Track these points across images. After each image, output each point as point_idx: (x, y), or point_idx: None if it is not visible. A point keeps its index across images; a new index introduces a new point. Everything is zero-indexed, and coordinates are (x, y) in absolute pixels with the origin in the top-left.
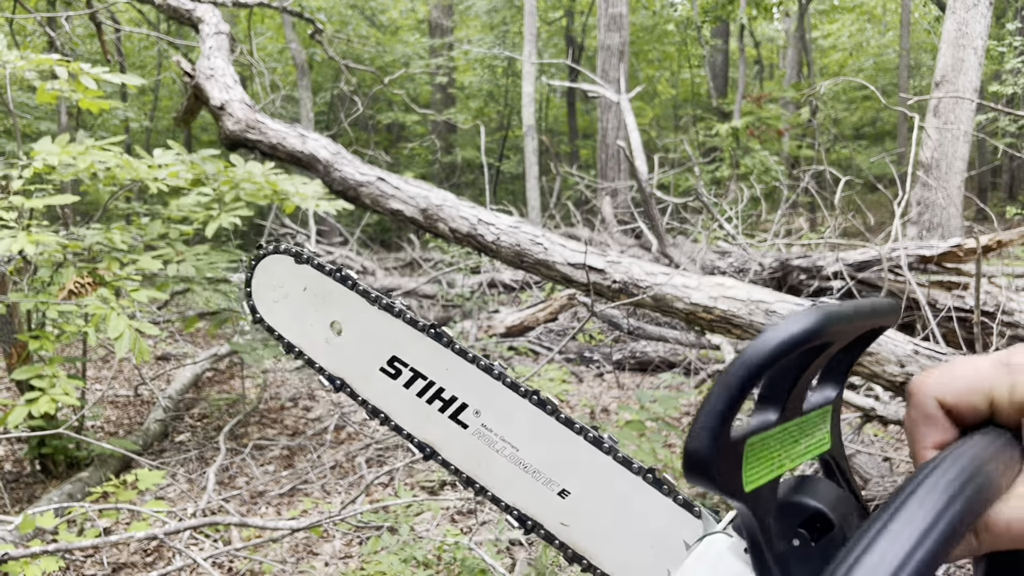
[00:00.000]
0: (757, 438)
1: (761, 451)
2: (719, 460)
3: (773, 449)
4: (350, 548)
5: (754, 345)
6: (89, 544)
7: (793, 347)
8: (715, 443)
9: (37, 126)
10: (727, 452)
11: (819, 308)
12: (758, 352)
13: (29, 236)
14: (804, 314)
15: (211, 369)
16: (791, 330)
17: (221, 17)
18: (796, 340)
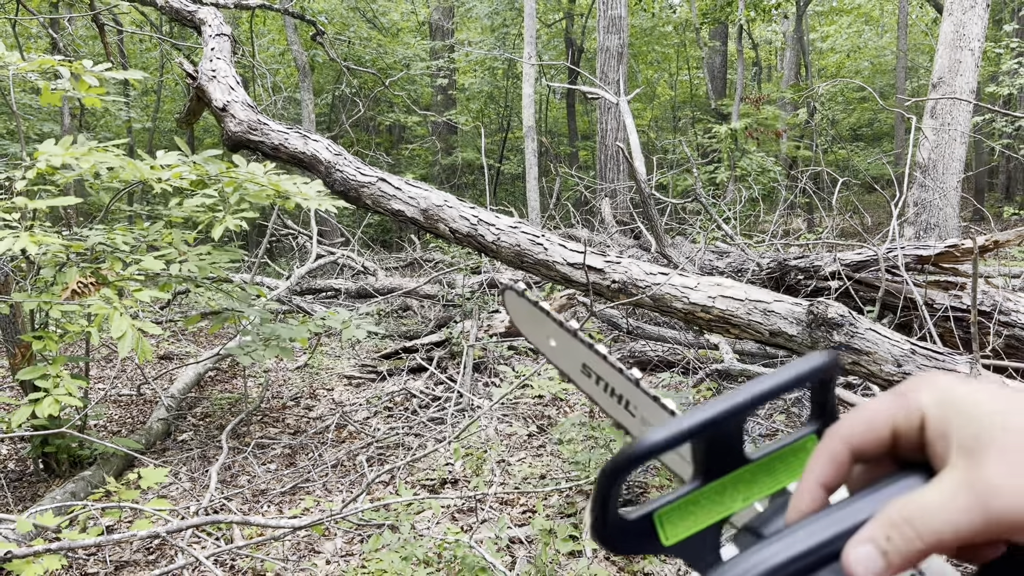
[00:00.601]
0: (670, 507)
1: (680, 512)
2: (618, 539)
3: (699, 505)
4: (351, 546)
5: (620, 453)
6: (92, 542)
7: (655, 454)
8: (604, 530)
9: (40, 127)
10: (627, 528)
11: (692, 414)
12: (617, 462)
13: (32, 236)
14: (675, 422)
15: (214, 368)
16: (653, 440)
17: (223, 19)
18: (657, 449)
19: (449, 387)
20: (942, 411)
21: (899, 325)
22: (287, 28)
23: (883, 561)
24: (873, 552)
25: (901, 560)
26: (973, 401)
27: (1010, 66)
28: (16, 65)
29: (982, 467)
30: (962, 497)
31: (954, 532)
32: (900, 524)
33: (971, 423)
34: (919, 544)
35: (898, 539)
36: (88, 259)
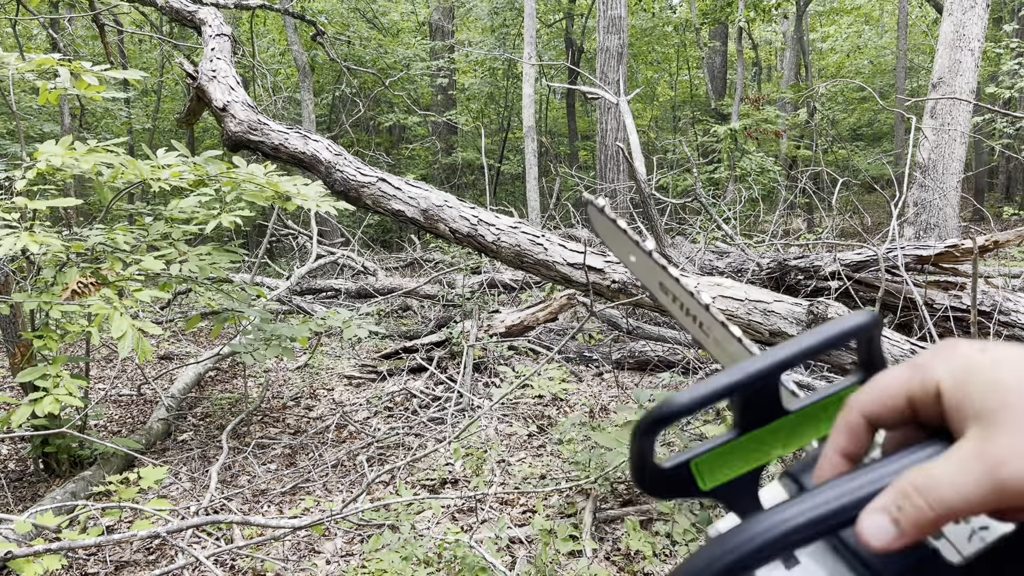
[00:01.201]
0: (707, 456)
1: (718, 461)
2: (657, 486)
3: (736, 454)
4: (351, 546)
5: (653, 409)
6: (92, 542)
7: (686, 413)
8: (644, 480)
9: (40, 128)
10: (665, 476)
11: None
12: (649, 419)
13: (32, 236)
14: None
15: (214, 368)
16: (682, 401)
17: (223, 19)
18: (688, 409)
19: (449, 387)
20: (957, 381)
21: (899, 325)
22: (287, 28)
23: (895, 530)
24: (885, 521)
25: (913, 529)
26: (991, 370)
27: (1010, 66)
28: (15, 66)
29: (994, 437)
30: (972, 467)
31: (964, 502)
32: (912, 494)
33: (986, 394)
34: (930, 514)
35: (909, 508)
36: (88, 259)
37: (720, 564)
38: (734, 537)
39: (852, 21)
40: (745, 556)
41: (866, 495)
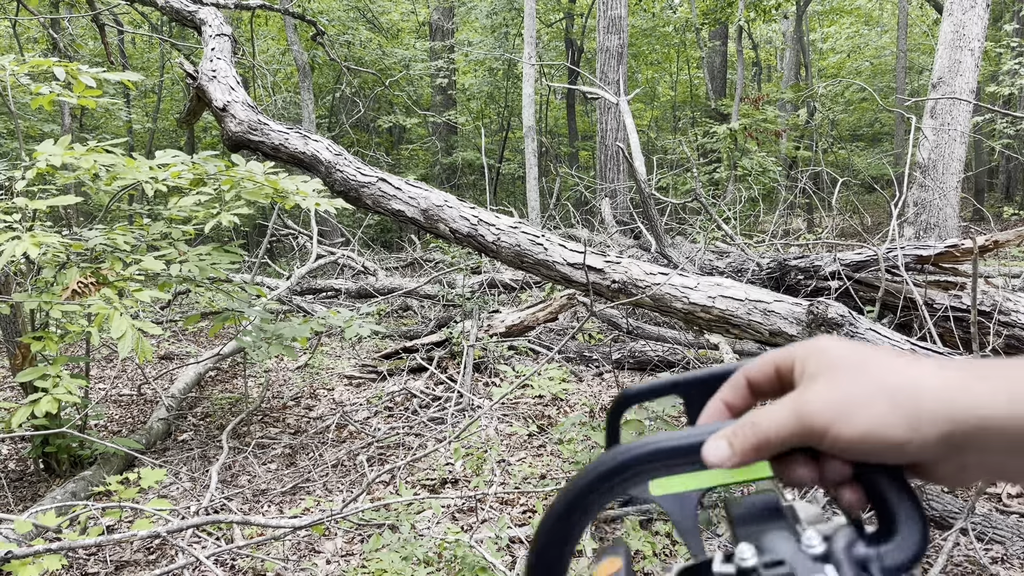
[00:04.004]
0: None
1: None
2: None
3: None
4: (352, 546)
5: (619, 394)
6: (92, 542)
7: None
8: None
9: (40, 128)
10: None
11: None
12: (617, 400)
13: (33, 238)
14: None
15: (214, 368)
16: (639, 386)
17: (223, 19)
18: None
19: (449, 387)
20: (806, 356)
21: (899, 325)
22: (287, 28)
23: (729, 451)
24: (723, 443)
25: (741, 450)
26: (829, 351)
27: (1010, 66)
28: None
29: (809, 388)
30: (787, 406)
31: (775, 432)
32: (745, 425)
33: (818, 364)
34: (753, 440)
35: (740, 435)
36: (88, 259)
37: (596, 472)
38: (612, 453)
39: (852, 21)
40: (619, 465)
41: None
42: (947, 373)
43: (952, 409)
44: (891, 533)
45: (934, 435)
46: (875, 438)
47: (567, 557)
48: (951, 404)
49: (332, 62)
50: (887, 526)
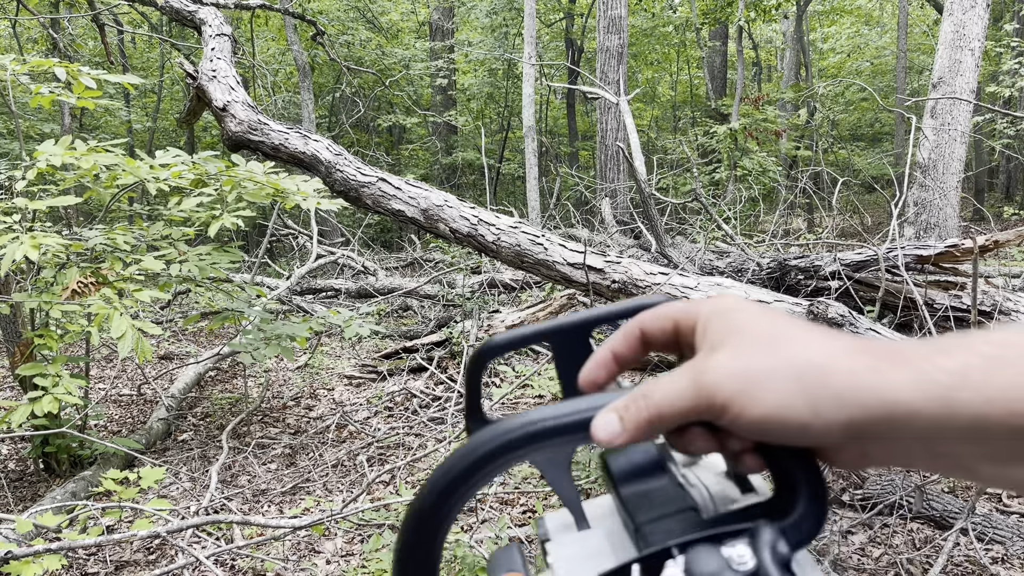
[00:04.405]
0: None
1: None
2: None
3: None
4: (352, 546)
5: (481, 344)
6: (92, 542)
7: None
8: (470, 419)
9: (41, 128)
10: (483, 423)
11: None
12: (478, 351)
13: (32, 240)
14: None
15: (214, 368)
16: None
17: (223, 19)
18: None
19: (449, 387)
20: (709, 317)
21: (899, 325)
22: (287, 28)
23: (619, 426)
24: (613, 418)
25: (633, 426)
26: (736, 312)
27: (1011, 66)
28: (12, 68)
29: (709, 356)
30: (683, 376)
31: (671, 406)
32: (637, 397)
33: (721, 328)
34: (646, 413)
35: (633, 409)
36: (88, 259)
37: (477, 455)
38: (492, 432)
39: (853, 21)
40: (501, 447)
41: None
42: (860, 355)
43: (859, 394)
44: (790, 509)
45: (838, 420)
46: (778, 419)
47: (440, 546)
48: (858, 388)
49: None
50: (786, 501)
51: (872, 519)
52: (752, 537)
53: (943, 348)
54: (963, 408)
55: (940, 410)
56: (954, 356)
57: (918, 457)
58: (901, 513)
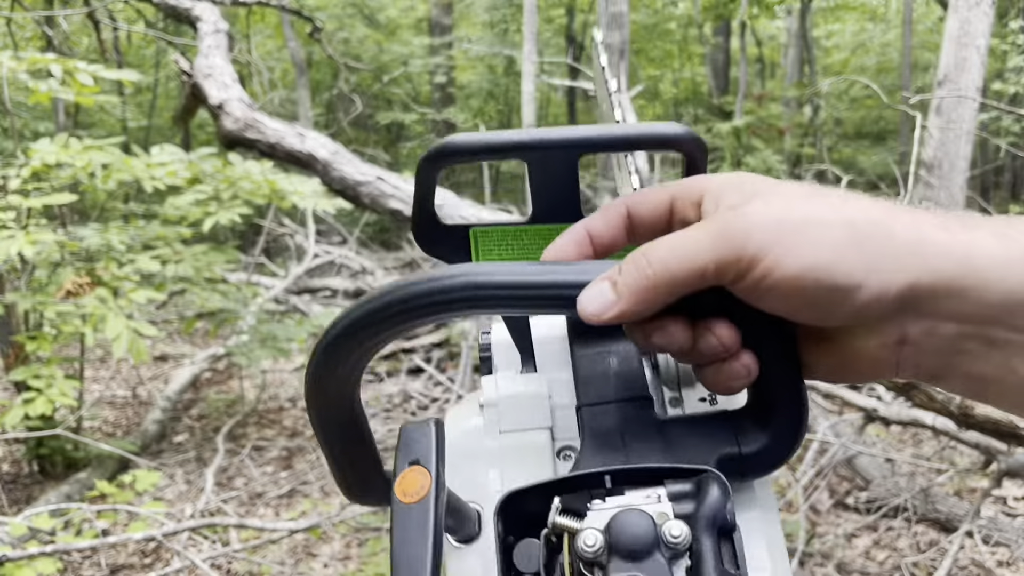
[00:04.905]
0: (491, 229)
1: (498, 238)
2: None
3: (520, 240)
4: (349, 550)
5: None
6: (87, 545)
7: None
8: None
9: (35, 126)
10: (442, 232)
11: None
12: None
13: (27, 237)
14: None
15: (209, 369)
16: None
17: (220, 15)
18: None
19: (448, 388)
20: (723, 186)
21: None
22: (284, 24)
23: (613, 293)
24: (605, 286)
25: (631, 292)
26: (756, 179)
27: (1017, 63)
28: (7, 64)
29: (739, 208)
30: (701, 228)
31: (683, 261)
32: (636, 257)
33: (745, 190)
34: (649, 273)
35: (630, 269)
36: (83, 258)
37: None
38: (463, 270)
39: (857, 17)
40: (471, 286)
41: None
42: (922, 214)
43: (926, 250)
44: (762, 428)
45: (896, 283)
46: (822, 276)
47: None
48: (925, 244)
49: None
50: (760, 417)
51: (877, 522)
52: (696, 497)
53: (1013, 221)
54: None
55: (1021, 278)
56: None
57: (967, 345)
58: (906, 516)
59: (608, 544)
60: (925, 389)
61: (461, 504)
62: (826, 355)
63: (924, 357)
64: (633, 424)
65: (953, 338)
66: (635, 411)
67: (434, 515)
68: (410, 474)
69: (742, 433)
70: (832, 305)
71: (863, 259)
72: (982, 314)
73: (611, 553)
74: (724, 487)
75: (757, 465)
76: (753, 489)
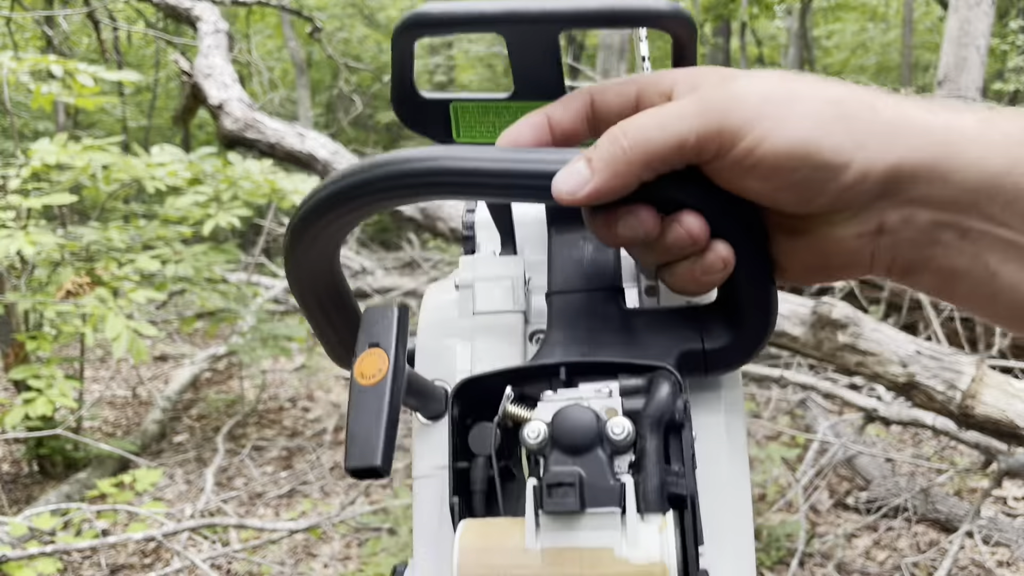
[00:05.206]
0: (472, 104)
1: (480, 114)
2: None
3: (501, 117)
4: (349, 550)
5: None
6: (87, 545)
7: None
8: (398, 100)
9: (35, 126)
10: (421, 105)
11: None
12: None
13: (27, 236)
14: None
15: (209, 369)
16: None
17: (220, 15)
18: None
19: None
20: (697, 74)
21: (904, 325)
22: (284, 24)
23: (587, 170)
24: (580, 164)
25: (606, 166)
26: (732, 70)
27: (1016, 63)
28: (8, 65)
29: (722, 84)
30: (687, 101)
31: (664, 135)
32: (612, 131)
33: (724, 74)
34: (624, 143)
35: (605, 144)
36: (83, 258)
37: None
38: (440, 152)
39: (857, 17)
40: (446, 172)
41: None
42: (906, 98)
43: (914, 129)
44: (728, 324)
45: (884, 161)
46: (809, 151)
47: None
48: (913, 124)
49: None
50: (726, 314)
51: (877, 522)
52: (647, 393)
53: (998, 109)
54: None
55: (1004, 162)
56: (1015, 120)
57: (942, 235)
58: (906, 516)
59: (551, 437)
60: (925, 389)
61: (426, 384)
62: (799, 250)
63: (899, 248)
64: (599, 315)
65: (929, 227)
66: (603, 301)
67: (390, 397)
68: (368, 357)
69: (707, 329)
70: (817, 184)
71: (851, 136)
72: (959, 200)
73: (553, 446)
74: (675, 385)
75: (720, 361)
76: (720, 389)
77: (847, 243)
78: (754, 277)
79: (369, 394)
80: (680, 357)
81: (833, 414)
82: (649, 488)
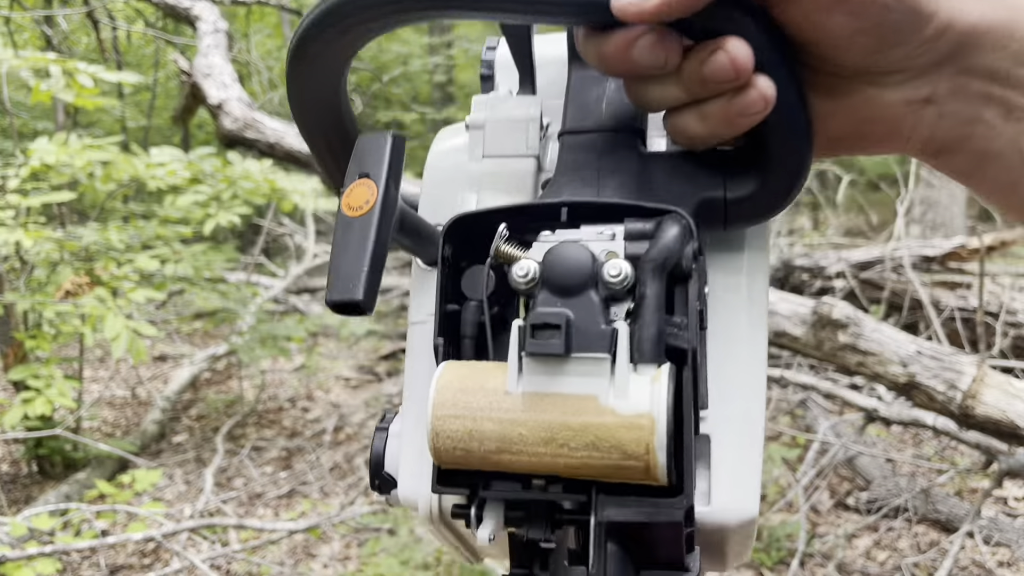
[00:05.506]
0: None
1: None
2: None
3: None
4: (349, 550)
5: None
6: (86, 545)
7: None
8: None
9: (34, 125)
10: None
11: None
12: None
13: (26, 233)
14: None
15: (209, 369)
16: None
17: (219, 14)
18: None
19: None
20: None
21: (905, 325)
22: (284, 23)
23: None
24: None
25: None
26: None
27: None
28: (8, 63)
29: None
30: None
31: None
32: None
33: None
34: None
35: None
36: (82, 258)
37: None
38: None
39: None
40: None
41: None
42: None
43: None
44: (755, 171)
45: (965, 20)
46: None
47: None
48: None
49: None
50: (754, 159)
51: (877, 522)
52: (653, 237)
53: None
54: None
55: None
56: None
57: (986, 113)
58: (906, 516)
59: (541, 276)
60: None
61: (424, 225)
62: (836, 114)
63: (942, 122)
64: (613, 157)
65: (978, 100)
66: (619, 143)
67: (376, 230)
68: (357, 187)
69: (731, 176)
70: (904, 31)
71: None
72: (1013, 72)
73: (543, 286)
74: (685, 229)
75: (743, 213)
76: (743, 251)
77: (893, 109)
78: (793, 121)
79: (355, 225)
80: (698, 205)
81: (833, 414)
82: (644, 337)
